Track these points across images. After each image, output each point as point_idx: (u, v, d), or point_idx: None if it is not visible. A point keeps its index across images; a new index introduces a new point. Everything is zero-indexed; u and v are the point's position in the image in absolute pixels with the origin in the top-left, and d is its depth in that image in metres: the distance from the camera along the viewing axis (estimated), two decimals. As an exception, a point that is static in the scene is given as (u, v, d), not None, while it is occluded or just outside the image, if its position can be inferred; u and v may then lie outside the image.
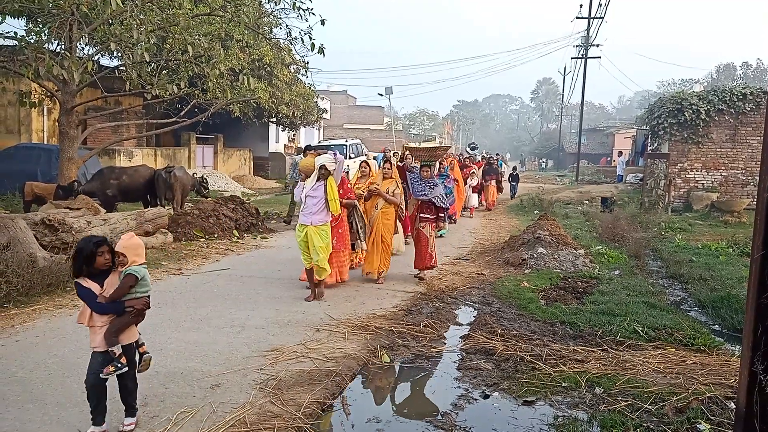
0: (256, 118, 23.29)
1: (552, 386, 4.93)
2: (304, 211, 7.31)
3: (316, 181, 7.29)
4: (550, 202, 20.21)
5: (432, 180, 8.71)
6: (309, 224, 7.26)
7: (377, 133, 51.28)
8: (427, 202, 8.56)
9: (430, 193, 8.54)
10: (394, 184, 8.51)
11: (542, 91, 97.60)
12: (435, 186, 8.64)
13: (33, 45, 9.60)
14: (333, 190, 7.27)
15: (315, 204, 7.22)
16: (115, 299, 3.80)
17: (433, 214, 8.67)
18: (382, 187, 8.49)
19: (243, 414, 4.21)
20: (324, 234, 7.30)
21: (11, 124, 19.14)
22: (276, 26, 16.81)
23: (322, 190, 7.24)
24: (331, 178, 7.32)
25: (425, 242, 8.57)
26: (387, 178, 8.57)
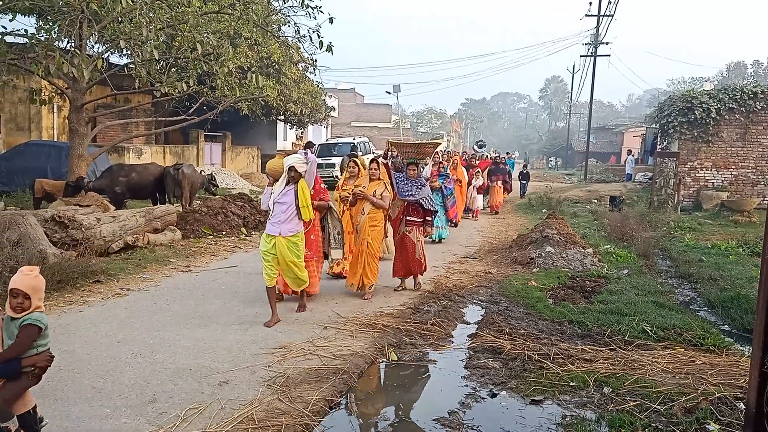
0: (264, 116, 23.32)
1: (560, 385, 4.91)
2: (272, 219, 6.30)
3: (285, 185, 6.33)
4: (559, 201, 20.15)
5: (419, 180, 7.97)
6: (278, 234, 6.27)
7: (385, 131, 51.23)
8: (413, 203, 7.86)
9: (418, 194, 7.82)
10: (382, 186, 7.62)
11: (551, 89, 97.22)
12: (422, 186, 7.93)
13: (43, 43, 9.69)
14: (305, 195, 6.34)
15: (284, 211, 6.25)
16: (9, 358, 3.00)
17: (420, 216, 7.92)
18: (369, 189, 7.60)
19: (251, 411, 4.22)
20: (296, 246, 6.35)
21: (22, 122, 19.28)
22: (284, 24, 16.84)
23: (293, 195, 6.27)
24: (302, 182, 6.35)
25: (412, 248, 7.85)
26: (374, 180, 7.71)
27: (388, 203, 7.61)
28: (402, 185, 7.86)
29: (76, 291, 7.33)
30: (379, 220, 7.62)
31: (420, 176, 7.99)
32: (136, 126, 19.89)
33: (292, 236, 6.30)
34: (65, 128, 17.61)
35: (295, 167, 6.24)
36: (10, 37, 9.99)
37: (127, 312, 6.60)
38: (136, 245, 9.80)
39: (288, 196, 6.28)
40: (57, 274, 7.30)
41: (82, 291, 7.37)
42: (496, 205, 18.77)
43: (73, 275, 7.54)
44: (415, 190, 7.84)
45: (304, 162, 6.37)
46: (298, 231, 6.36)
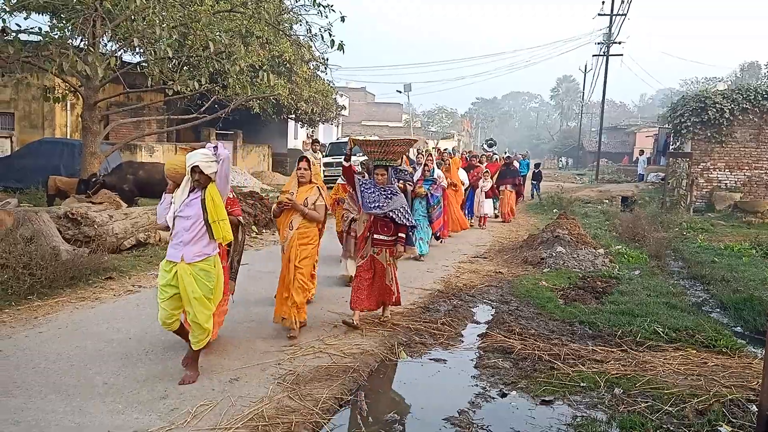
0: (275, 115, 23.38)
1: (570, 386, 4.89)
2: (174, 239, 4.65)
3: (189, 193, 4.66)
4: (570, 201, 20.05)
5: (390, 188, 6.24)
6: (180, 261, 4.58)
7: (396, 130, 51.22)
8: (382, 218, 6.18)
9: (387, 206, 6.09)
10: (315, 193, 6.04)
11: (562, 89, 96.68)
12: (393, 195, 6.19)
13: (57, 41, 9.76)
14: (216, 205, 4.62)
15: (188, 228, 4.58)
16: None
17: (390, 234, 6.22)
18: (298, 196, 5.97)
19: (261, 408, 4.24)
20: (206, 275, 4.62)
21: (35, 119, 19.43)
22: (296, 23, 16.87)
23: (199, 205, 4.60)
24: (212, 187, 4.64)
25: (381, 272, 6.25)
26: (303, 185, 6.06)
27: (323, 215, 6.11)
28: (367, 195, 6.18)
29: (88, 287, 7.38)
30: (311, 237, 6.03)
31: (392, 181, 6.34)
32: (148, 124, 20.02)
33: (200, 262, 4.60)
34: (78, 126, 17.75)
35: (199, 167, 4.56)
36: (24, 35, 10.07)
37: (138, 309, 6.64)
38: (147, 242, 9.86)
39: (192, 208, 4.61)
40: (70, 271, 7.36)
41: (94, 287, 7.43)
42: (508, 213, 16.34)
43: (86, 272, 7.61)
44: (383, 201, 6.12)
45: (213, 160, 4.62)
46: (208, 254, 4.65)
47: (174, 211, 4.67)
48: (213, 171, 4.64)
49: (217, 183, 4.71)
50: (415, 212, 9.57)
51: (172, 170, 4.87)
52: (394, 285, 6.34)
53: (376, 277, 6.29)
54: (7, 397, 4.26)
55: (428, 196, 10.17)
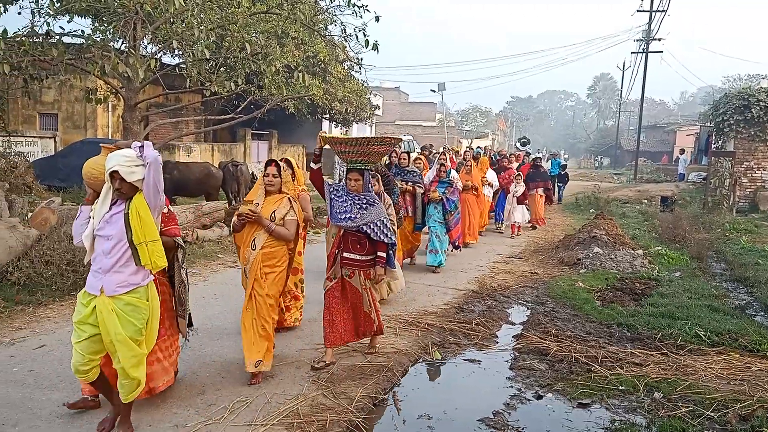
0: (309, 115, 23.55)
1: (608, 389, 4.81)
2: (93, 265, 3.71)
3: (111, 206, 3.69)
4: (607, 201, 19.69)
5: (366, 196, 5.09)
6: (99, 293, 3.64)
7: (429, 129, 51.10)
8: (354, 233, 5.08)
9: (360, 218, 4.99)
10: (286, 205, 4.84)
11: (599, 87, 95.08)
12: (370, 205, 5.05)
13: (99, 43, 9.99)
14: (143, 221, 3.63)
15: (109, 252, 3.62)
16: None
17: (364, 252, 5.09)
18: (264, 208, 4.81)
19: (296, 405, 4.28)
20: (133, 312, 3.66)
21: (78, 120, 19.96)
22: (331, 23, 16.96)
23: (122, 222, 3.63)
24: (138, 198, 3.66)
25: (357, 297, 5.18)
26: (271, 193, 4.91)
27: (293, 232, 4.86)
28: (337, 203, 5.07)
29: (128, 284, 7.54)
30: (279, 260, 4.81)
31: (368, 189, 5.15)
32: (186, 124, 20.38)
33: (126, 294, 3.64)
34: (119, 126, 18.15)
35: (119, 173, 3.57)
36: (68, 38, 10.35)
37: (176, 305, 6.75)
38: (185, 240, 10.04)
39: (113, 225, 3.64)
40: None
41: (134, 284, 7.58)
42: (538, 220, 14.81)
43: (126, 269, 7.76)
44: (356, 211, 5.00)
45: (138, 164, 3.63)
46: (136, 285, 3.68)
47: (92, 229, 3.68)
48: (138, 178, 3.61)
49: (145, 193, 3.65)
50: (430, 218, 9.07)
51: (89, 175, 3.87)
52: (374, 312, 5.27)
53: (352, 305, 5.22)
54: (53, 390, 4.39)
55: (444, 200, 9.01)
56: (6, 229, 7.03)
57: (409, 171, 8.91)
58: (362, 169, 5.06)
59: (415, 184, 8.82)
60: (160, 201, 3.78)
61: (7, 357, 5.02)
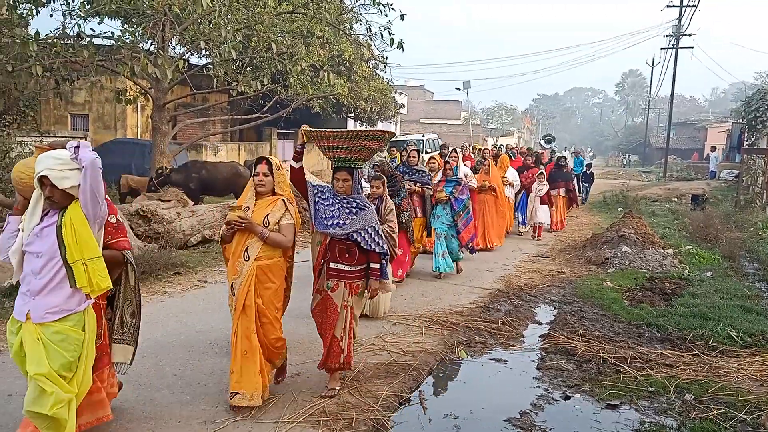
0: (334, 114, 23.67)
1: (638, 390, 4.75)
2: (22, 286, 3.21)
3: (43, 217, 3.19)
4: (636, 199, 19.38)
5: (355, 199, 4.46)
6: (26, 319, 3.14)
7: (454, 127, 50.90)
8: (342, 241, 4.44)
9: (349, 224, 4.38)
10: (281, 208, 4.27)
11: (628, 84, 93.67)
12: (360, 209, 4.44)
13: (129, 45, 10.16)
14: (78, 236, 3.12)
15: (39, 271, 3.12)
16: None
17: (354, 262, 4.47)
18: (256, 213, 4.23)
19: (322, 403, 4.30)
20: (63, 343, 3.11)
21: (108, 121, 20.33)
22: (356, 22, 17.00)
23: (54, 237, 3.11)
24: (74, 208, 3.16)
25: (332, 317, 4.46)
26: (263, 196, 4.33)
27: (291, 238, 4.30)
28: (323, 207, 4.45)
29: (158, 282, 7.67)
30: (276, 272, 4.28)
31: (358, 190, 4.50)
32: (213, 124, 20.61)
33: (57, 322, 3.10)
34: (148, 126, 18.45)
35: (49, 178, 3.07)
36: (98, 40, 10.54)
37: (204, 303, 6.85)
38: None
39: (44, 240, 3.12)
40: (141, 266, 7.64)
41: (163, 282, 7.71)
42: (558, 222, 13.79)
43: (156, 267, 7.90)
44: (345, 216, 4.40)
45: (72, 167, 3.11)
46: (69, 311, 3.13)
47: (21, 244, 3.16)
48: (72, 184, 3.08)
49: (81, 202, 3.11)
50: (437, 220, 8.41)
51: (18, 180, 3.32)
52: (345, 340, 4.47)
53: (324, 325, 4.51)
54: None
55: (452, 201, 8.40)
56: (39, 227, 7.18)
57: (417, 170, 8.38)
58: (351, 167, 4.44)
59: (424, 184, 8.27)
60: (101, 211, 3.22)
61: (41, 353, 5.13)
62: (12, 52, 8.92)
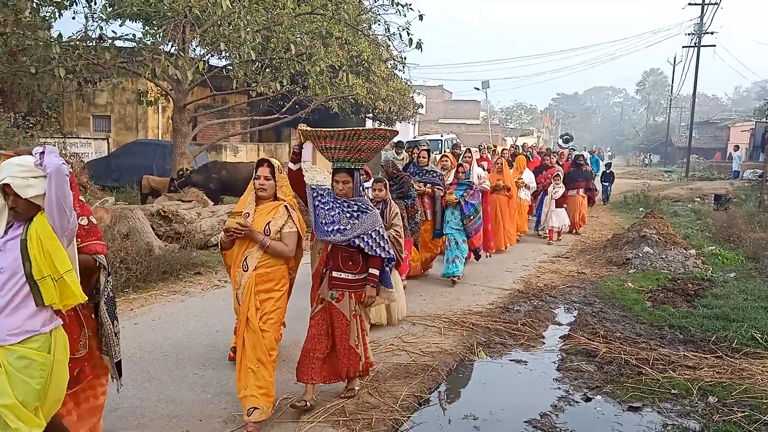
0: (353, 114, 23.71)
1: (660, 393, 4.69)
2: None
3: (7, 229, 2.89)
4: (657, 199, 19.15)
5: (357, 202, 4.23)
6: None
7: (473, 127, 50.71)
8: (345, 247, 4.22)
9: (351, 229, 4.14)
10: (283, 214, 4.06)
11: (649, 83, 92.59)
12: (362, 213, 4.19)
13: (150, 46, 10.29)
14: (44, 249, 2.79)
15: (1, 288, 2.79)
16: None
17: (358, 270, 4.25)
18: (257, 220, 4.03)
19: (342, 403, 4.31)
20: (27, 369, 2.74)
21: (130, 122, 20.58)
22: (374, 22, 17.02)
23: (18, 250, 2.80)
24: (40, 219, 2.82)
25: (343, 327, 4.25)
26: (264, 201, 4.13)
27: (293, 247, 4.10)
28: (323, 212, 4.20)
29: (178, 282, 7.75)
30: (277, 282, 4.06)
31: (359, 192, 4.30)
32: (232, 125, 20.78)
33: (20, 344, 2.76)
34: (169, 128, 18.65)
35: (12, 186, 2.79)
36: (120, 42, 10.69)
37: (224, 303, 6.89)
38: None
39: (8, 255, 2.82)
40: (162, 266, 7.75)
41: (184, 282, 7.78)
42: (578, 223, 13.33)
43: (176, 267, 7.99)
44: (346, 221, 4.15)
45: (36, 174, 2.80)
46: (34, 332, 2.78)
47: None
48: (37, 193, 2.80)
49: (48, 212, 2.81)
50: (447, 224, 8.07)
51: None
52: (361, 347, 4.31)
53: (334, 337, 4.28)
54: (107, 383, 4.53)
55: (462, 203, 8.01)
56: (63, 227, 7.29)
57: (428, 171, 8.10)
58: (352, 168, 4.22)
59: (434, 185, 7.99)
60: (69, 223, 2.87)
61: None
62: (35, 54, 9.09)
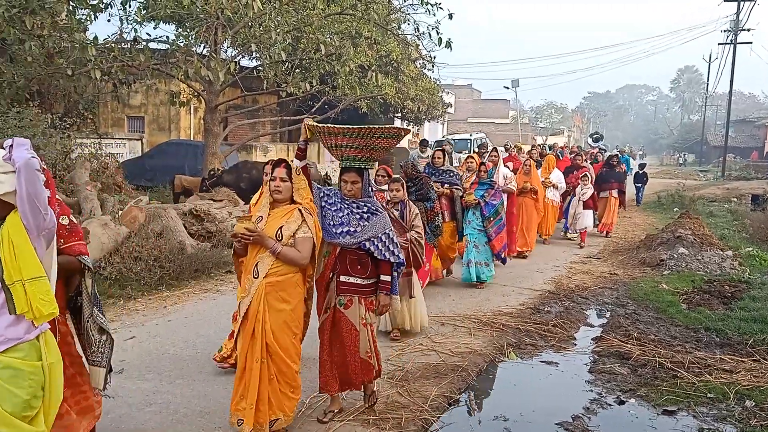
0: (382, 114, 23.73)
1: (696, 396, 4.59)
2: None
3: None
4: (692, 199, 18.75)
5: (367, 202, 4.01)
6: None
7: (502, 126, 50.38)
8: (353, 250, 3.96)
9: (362, 231, 3.91)
10: (297, 218, 3.70)
11: (684, 80, 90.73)
12: (372, 214, 3.97)
13: (183, 48, 10.44)
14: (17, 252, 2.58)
15: None
16: None
17: (369, 275, 3.99)
18: (269, 224, 3.72)
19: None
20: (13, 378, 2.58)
21: (163, 122, 20.92)
22: (404, 22, 17.01)
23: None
24: (12, 219, 2.61)
25: (352, 337, 3.99)
26: (279, 204, 3.79)
27: (308, 254, 3.71)
28: (330, 213, 3.96)
29: (210, 280, 7.85)
30: (291, 293, 3.71)
31: (369, 193, 4.07)
32: (262, 125, 20.98)
33: (2, 354, 2.59)
34: (200, 128, 18.90)
35: None
36: (153, 44, 10.89)
37: (255, 301, 6.96)
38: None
39: None
40: (194, 264, 7.86)
41: (215, 280, 7.88)
42: (609, 225, 12.65)
43: (208, 265, 8.10)
44: (355, 223, 3.93)
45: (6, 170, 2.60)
46: (17, 340, 2.62)
47: None
48: (7, 190, 2.59)
49: (20, 210, 2.60)
50: (468, 225, 7.77)
51: None
52: (374, 357, 4.07)
53: (343, 347, 4.01)
54: (142, 380, 4.62)
55: (482, 205, 7.72)
56: (99, 226, 7.45)
57: (444, 171, 7.78)
58: (361, 168, 3.96)
59: (452, 185, 7.67)
60: (45, 222, 2.63)
61: (101, 347, 5.31)
62: (72, 56, 9.30)
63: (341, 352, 4.01)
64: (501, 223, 7.97)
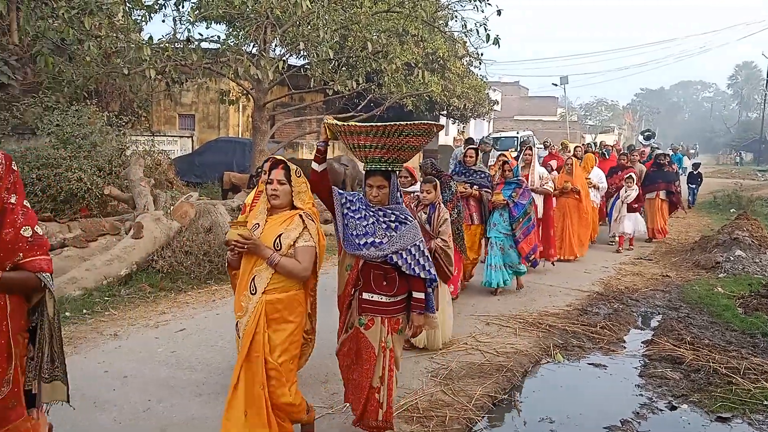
0: (427, 111, 23.65)
1: (751, 403, 4.43)
2: None
3: None
4: (750, 200, 18.05)
5: (395, 210, 3.54)
6: None
7: (550, 124, 49.54)
8: (378, 264, 3.50)
9: (390, 243, 3.45)
10: (297, 225, 3.34)
11: (742, 77, 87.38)
12: (402, 223, 3.51)
13: (233, 47, 10.64)
14: None
15: None
16: None
17: (396, 292, 3.53)
18: (266, 232, 3.36)
19: (415, 400, 4.32)
20: None
21: (212, 120, 21.40)
22: (451, 19, 16.91)
23: None
24: None
25: (367, 363, 3.53)
26: (278, 210, 3.42)
27: (309, 265, 3.35)
28: (353, 222, 3.55)
29: (257, 275, 7.97)
30: (292, 310, 3.35)
31: (397, 199, 3.59)
32: (309, 123, 21.19)
33: None
34: (249, 126, 19.25)
35: None
36: (205, 44, 11.12)
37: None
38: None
39: None
40: (242, 259, 8.00)
41: (262, 275, 8.00)
42: (659, 230, 11.68)
43: (255, 260, 8.22)
44: (381, 233, 3.48)
45: None
46: None
47: None
48: None
49: None
50: (493, 228, 7.38)
51: None
52: (384, 391, 3.53)
53: (359, 368, 3.59)
54: (192, 372, 4.74)
55: (510, 205, 7.38)
56: (152, 221, 7.68)
57: (475, 171, 7.38)
58: (389, 170, 3.51)
59: (481, 187, 7.30)
60: None
61: (153, 338, 5.48)
62: (128, 56, 9.58)
63: (359, 375, 3.59)
64: (530, 224, 7.54)
